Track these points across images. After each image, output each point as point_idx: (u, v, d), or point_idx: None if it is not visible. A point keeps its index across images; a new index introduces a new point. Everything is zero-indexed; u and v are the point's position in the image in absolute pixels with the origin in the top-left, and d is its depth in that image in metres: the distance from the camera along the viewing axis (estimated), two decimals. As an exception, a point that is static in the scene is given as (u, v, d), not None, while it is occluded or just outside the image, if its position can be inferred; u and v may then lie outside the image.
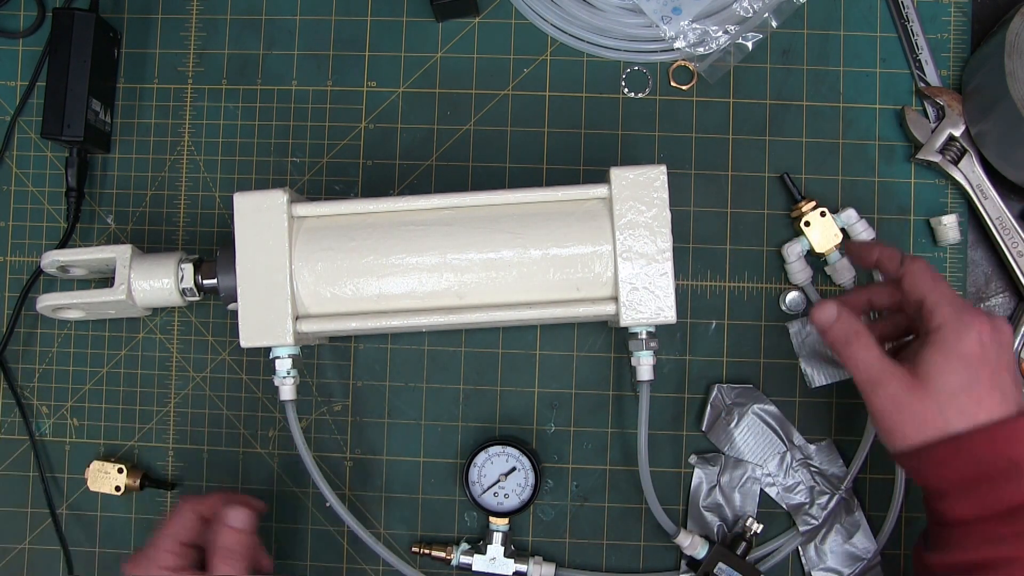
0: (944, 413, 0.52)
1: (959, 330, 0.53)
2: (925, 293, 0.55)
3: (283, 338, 0.61)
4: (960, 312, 0.53)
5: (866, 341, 0.55)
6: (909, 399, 0.53)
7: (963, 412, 0.52)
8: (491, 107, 0.72)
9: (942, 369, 0.52)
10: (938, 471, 0.52)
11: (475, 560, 0.67)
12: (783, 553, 0.68)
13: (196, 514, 0.61)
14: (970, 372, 0.52)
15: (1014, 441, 0.51)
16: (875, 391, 0.54)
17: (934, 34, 0.71)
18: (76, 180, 0.70)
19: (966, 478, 0.52)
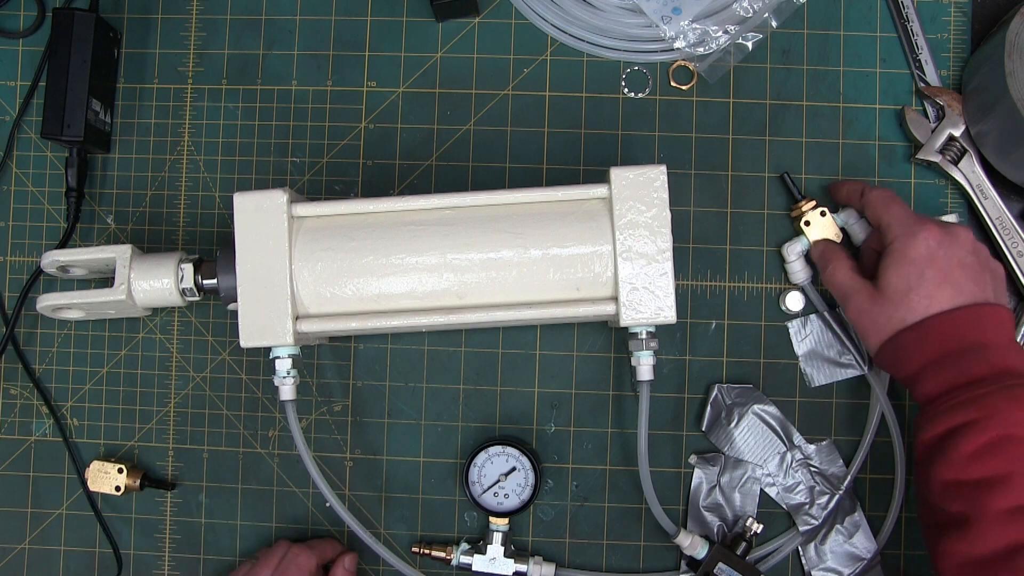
0: (898, 311, 0.59)
1: (907, 240, 0.60)
2: (881, 215, 0.62)
3: (283, 338, 0.61)
4: (910, 225, 0.60)
5: (842, 263, 0.64)
6: (871, 306, 0.60)
7: (913, 308, 0.58)
8: (491, 107, 0.72)
9: (892, 275, 0.60)
10: (909, 356, 0.59)
11: (475, 560, 0.67)
12: (783, 553, 0.68)
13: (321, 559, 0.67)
14: (917, 273, 0.59)
15: (976, 324, 0.57)
16: (846, 304, 0.63)
17: (934, 34, 0.71)
18: (76, 180, 0.70)
19: (933, 358, 0.57)
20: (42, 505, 0.72)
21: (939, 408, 0.56)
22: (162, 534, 0.72)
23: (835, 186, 0.68)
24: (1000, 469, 0.53)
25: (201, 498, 0.72)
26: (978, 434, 0.54)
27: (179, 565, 0.72)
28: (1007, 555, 0.51)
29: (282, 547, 0.66)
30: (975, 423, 0.54)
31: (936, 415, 0.56)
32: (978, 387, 0.55)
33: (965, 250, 0.59)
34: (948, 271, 0.58)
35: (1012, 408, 0.54)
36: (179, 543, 0.72)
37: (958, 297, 0.58)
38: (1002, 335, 0.58)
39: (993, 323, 0.58)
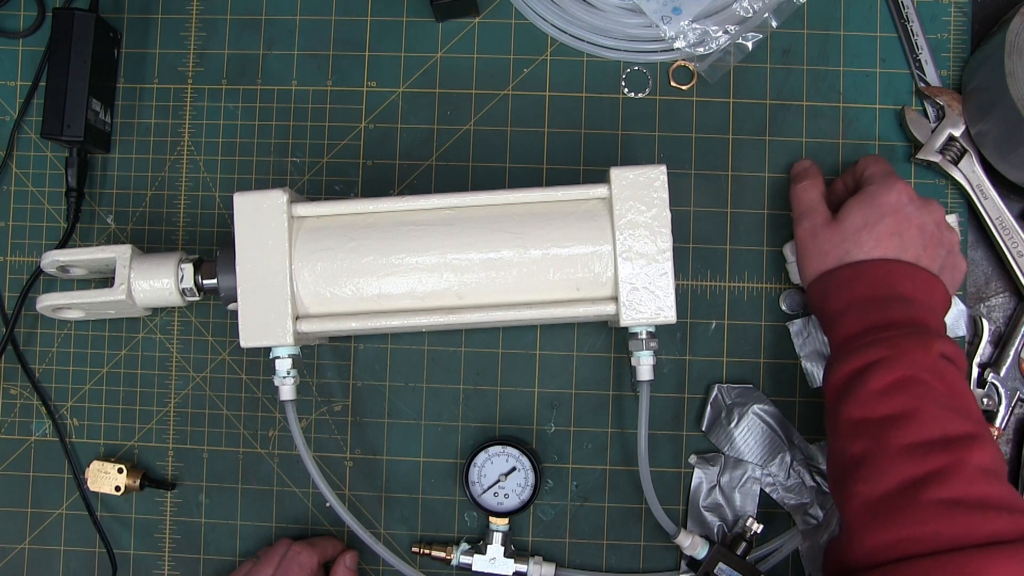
0: (844, 244, 0.60)
1: (882, 186, 0.61)
2: (868, 165, 0.64)
3: (283, 338, 0.61)
4: (891, 178, 0.61)
5: (816, 184, 0.65)
6: (822, 231, 0.61)
7: (860, 246, 0.59)
8: (491, 107, 0.72)
9: (854, 209, 0.61)
10: (839, 291, 0.59)
11: (475, 560, 0.67)
12: (783, 553, 0.68)
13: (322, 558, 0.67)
14: (877, 215, 0.60)
15: (911, 281, 0.59)
16: (800, 222, 0.64)
17: (934, 34, 0.71)
18: (76, 180, 0.70)
19: (861, 297, 0.58)
20: (42, 505, 0.72)
21: (853, 346, 0.57)
22: (162, 534, 0.72)
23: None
24: (903, 406, 0.54)
25: (201, 498, 0.72)
26: (887, 372, 0.55)
27: (179, 565, 0.72)
28: (904, 490, 0.52)
29: (283, 545, 0.66)
30: (885, 360, 0.55)
31: (849, 352, 0.57)
32: (892, 329, 0.56)
33: (931, 219, 0.61)
34: (905, 227, 0.59)
35: (920, 352, 0.55)
36: (179, 543, 0.72)
37: (902, 251, 0.59)
38: (929, 298, 0.59)
39: (924, 286, 0.59)
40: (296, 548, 0.66)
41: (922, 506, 0.51)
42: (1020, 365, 0.68)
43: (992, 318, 0.70)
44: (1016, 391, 0.68)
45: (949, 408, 0.54)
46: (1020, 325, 0.68)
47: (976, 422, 0.54)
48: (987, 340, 0.69)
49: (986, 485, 0.51)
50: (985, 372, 0.68)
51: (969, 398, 0.56)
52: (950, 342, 0.57)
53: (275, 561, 0.65)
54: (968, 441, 0.52)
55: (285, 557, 0.65)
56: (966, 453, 0.52)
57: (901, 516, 0.51)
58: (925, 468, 0.52)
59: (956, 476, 0.51)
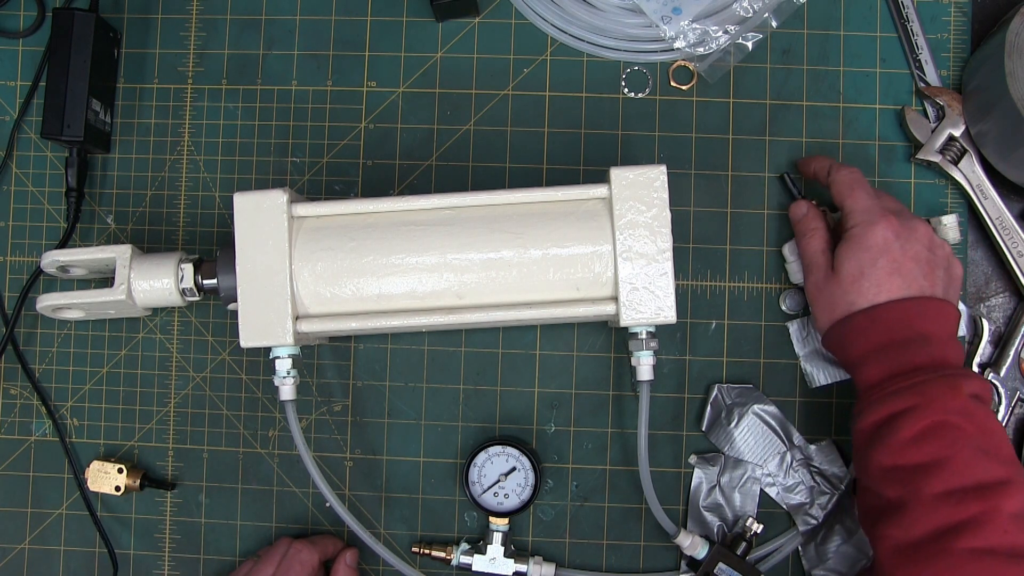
0: (848, 295, 0.60)
1: (865, 228, 0.60)
2: (844, 199, 0.63)
3: (283, 338, 0.61)
4: (870, 214, 0.61)
5: (819, 235, 0.64)
6: (825, 284, 0.62)
7: (864, 293, 0.59)
8: (491, 107, 0.72)
9: (846, 259, 0.61)
10: (855, 341, 0.59)
11: (475, 560, 0.67)
12: (783, 553, 0.68)
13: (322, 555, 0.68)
14: (871, 260, 0.60)
15: (922, 316, 0.58)
16: (807, 277, 0.64)
17: (934, 34, 0.71)
18: (76, 180, 0.70)
19: (878, 344, 0.58)
20: (42, 505, 0.72)
21: (879, 395, 0.57)
22: (162, 534, 0.72)
23: (804, 161, 0.69)
24: (935, 454, 0.54)
25: (201, 498, 0.72)
26: (916, 420, 0.55)
27: (179, 565, 0.72)
28: (937, 537, 0.52)
29: (284, 544, 0.66)
30: (914, 409, 0.55)
31: (876, 401, 0.57)
32: (917, 375, 0.56)
33: (921, 244, 0.60)
34: (900, 263, 0.59)
35: (949, 396, 0.55)
36: (179, 543, 0.72)
37: (906, 289, 0.59)
38: (944, 329, 0.59)
39: (937, 317, 0.59)
40: (297, 547, 0.66)
41: (955, 554, 0.51)
42: (1020, 365, 0.68)
43: (992, 318, 0.70)
44: (1016, 391, 0.68)
45: (981, 451, 0.54)
46: (1020, 325, 0.68)
47: (1009, 463, 0.54)
48: (987, 340, 0.69)
49: (1019, 534, 0.51)
50: (985, 372, 0.68)
51: (1001, 437, 0.56)
52: (977, 378, 0.57)
53: (276, 560, 0.65)
54: (1001, 488, 0.53)
55: (286, 556, 0.65)
56: (999, 500, 0.52)
57: (933, 563, 0.52)
58: (958, 517, 0.52)
59: (989, 525, 0.51)
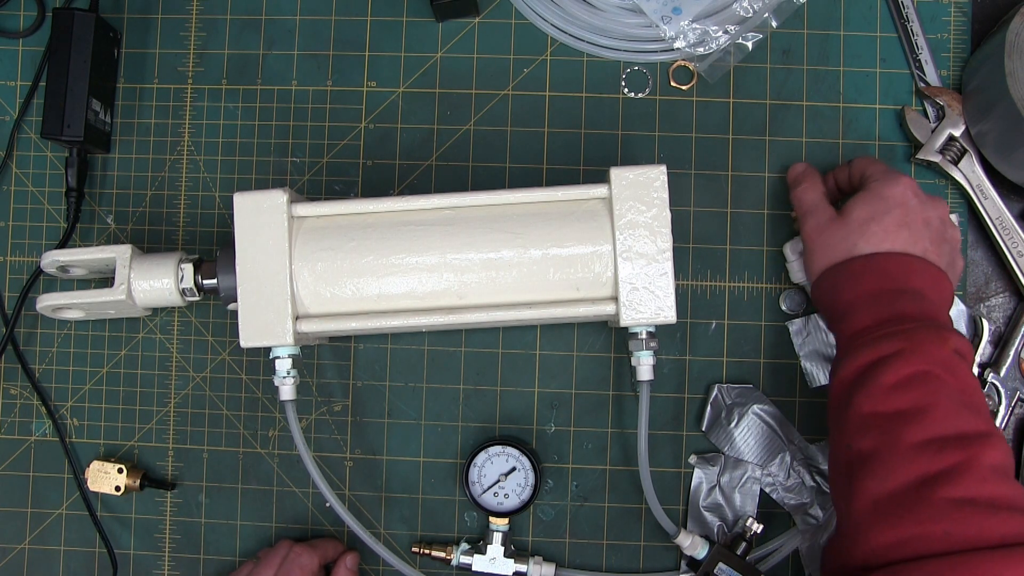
0: (851, 237, 0.59)
1: (886, 180, 0.60)
2: (867, 167, 0.63)
3: (283, 338, 0.61)
4: (893, 174, 0.61)
5: (816, 184, 0.64)
6: (828, 226, 0.61)
7: (869, 238, 0.59)
8: (491, 107, 0.72)
9: (859, 203, 0.60)
10: (849, 284, 0.59)
11: (475, 560, 0.67)
12: (783, 553, 0.68)
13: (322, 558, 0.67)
14: (884, 208, 0.59)
15: (922, 275, 0.58)
16: (806, 220, 0.63)
17: (934, 34, 0.71)
18: (76, 180, 0.70)
19: (872, 290, 0.58)
20: (42, 505, 0.72)
21: (866, 339, 0.56)
22: (162, 534, 0.72)
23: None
24: (917, 402, 0.53)
25: (201, 498, 0.72)
26: (901, 365, 0.54)
27: (179, 565, 0.72)
28: (916, 487, 0.51)
29: (284, 547, 0.66)
30: (900, 354, 0.54)
31: (862, 346, 0.56)
32: (906, 322, 0.56)
33: (936, 214, 0.60)
34: (912, 219, 0.59)
35: (935, 346, 0.55)
36: (179, 543, 0.72)
37: (912, 245, 0.59)
38: (939, 294, 0.58)
39: (936, 283, 0.58)
40: (297, 550, 0.66)
41: (933, 504, 0.50)
42: (1020, 365, 0.68)
43: (992, 318, 0.70)
44: (1016, 391, 0.68)
45: (962, 404, 0.53)
46: (1020, 325, 0.68)
47: (988, 420, 0.54)
48: (987, 340, 0.69)
49: (997, 485, 0.50)
50: (985, 372, 0.68)
51: (980, 395, 0.55)
52: (961, 337, 0.56)
53: (276, 563, 0.65)
54: (981, 439, 0.52)
55: (286, 559, 0.65)
56: (979, 451, 0.51)
57: (911, 514, 0.50)
58: (938, 466, 0.51)
59: (968, 475, 0.50)
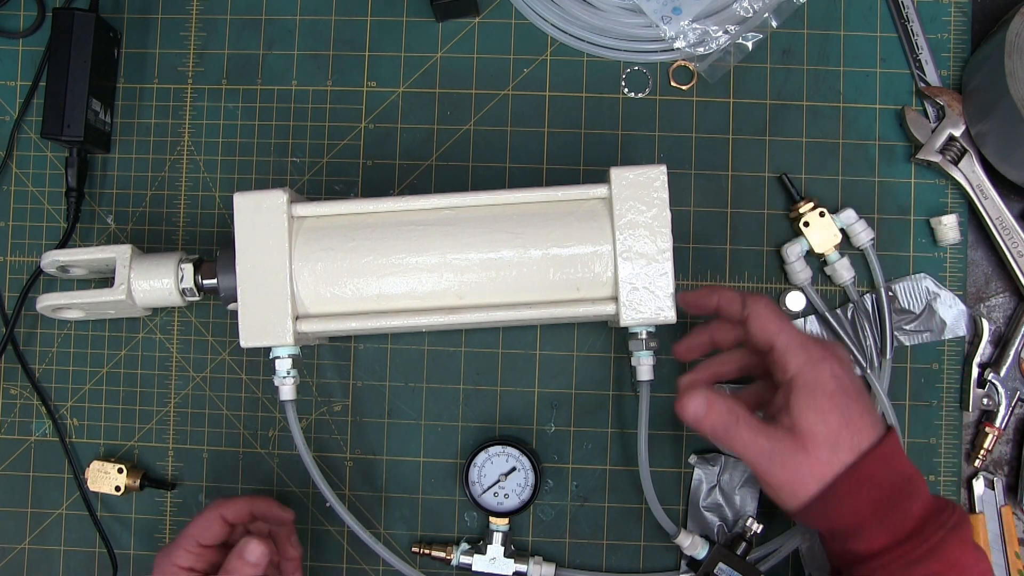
0: (834, 454, 0.51)
1: (815, 372, 0.52)
2: (773, 337, 0.54)
3: (283, 338, 0.61)
4: (808, 351, 0.53)
5: (746, 421, 0.53)
6: (793, 456, 0.52)
7: (848, 447, 0.51)
8: (491, 107, 0.72)
9: (816, 417, 0.51)
10: (848, 507, 0.52)
11: (475, 560, 0.67)
12: (783, 553, 0.68)
13: (221, 517, 0.62)
14: (840, 408, 0.52)
15: (898, 454, 0.53)
16: (766, 466, 0.52)
17: (934, 34, 0.71)
18: (76, 180, 0.70)
19: (874, 505, 0.51)
20: (42, 505, 0.72)
21: (895, 566, 0.51)
22: (162, 534, 0.72)
23: (700, 295, 0.58)
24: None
25: (201, 498, 0.72)
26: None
27: (179, 565, 0.72)
28: None
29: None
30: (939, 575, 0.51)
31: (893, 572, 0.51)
32: (928, 533, 0.51)
33: (851, 367, 0.55)
34: (861, 398, 0.53)
35: (964, 551, 0.52)
36: (179, 543, 0.72)
37: (875, 426, 0.53)
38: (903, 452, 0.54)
39: (896, 443, 0.53)
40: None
41: None
42: (1020, 365, 0.68)
43: (992, 318, 0.70)
44: (1016, 391, 0.68)
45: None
46: (1020, 325, 0.68)
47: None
48: (987, 340, 0.69)
49: None
50: (985, 372, 0.68)
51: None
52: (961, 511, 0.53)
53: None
54: None
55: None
56: None
57: None
58: None
59: None
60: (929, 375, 0.69)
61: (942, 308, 0.69)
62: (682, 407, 0.54)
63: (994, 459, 0.69)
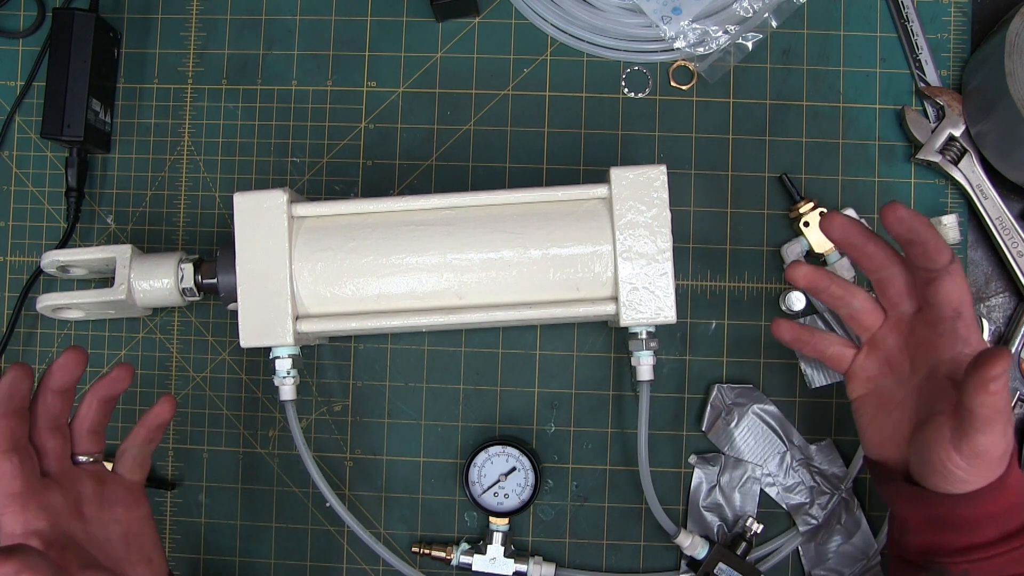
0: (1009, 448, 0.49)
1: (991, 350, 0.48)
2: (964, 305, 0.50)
3: (283, 338, 0.61)
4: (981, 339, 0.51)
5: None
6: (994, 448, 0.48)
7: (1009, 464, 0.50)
8: (491, 107, 0.72)
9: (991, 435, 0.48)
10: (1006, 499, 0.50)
11: (475, 560, 0.67)
12: (783, 553, 0.68)
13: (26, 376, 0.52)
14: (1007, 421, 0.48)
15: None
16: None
17: (934, 34, 0.71)
18: (76, 180, 0.70)
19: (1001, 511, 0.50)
20: (42, 505, 0.72)
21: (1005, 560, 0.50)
22: (162, 534, 0.72)
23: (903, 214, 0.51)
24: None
25: (201, 498, 0.72)
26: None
27: (179, 565, 0.72)
28: None
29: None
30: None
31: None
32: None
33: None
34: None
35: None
36: (179, 543, 0.72)
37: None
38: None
39: None
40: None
41: None
42: (1020, 365, 0.68)
43: (992, 318, 0.70)
44: (1016, 391, 0.68)
45: None
46: (1020, 325, 0.68)
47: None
48: (987, 340, 0.69)
49: None
50: (985, 372, 0.68)
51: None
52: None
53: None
54: None
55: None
56: None
57: None
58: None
59: None
60: (929, 375, 0.69)
61: (942, 308, 0.69)
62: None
63: (994, 459, 0.69)
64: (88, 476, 0.55)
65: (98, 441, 0.57)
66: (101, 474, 0.56)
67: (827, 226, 0.54)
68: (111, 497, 0.56)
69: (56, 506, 0.52)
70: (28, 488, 0.50)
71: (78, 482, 0.54)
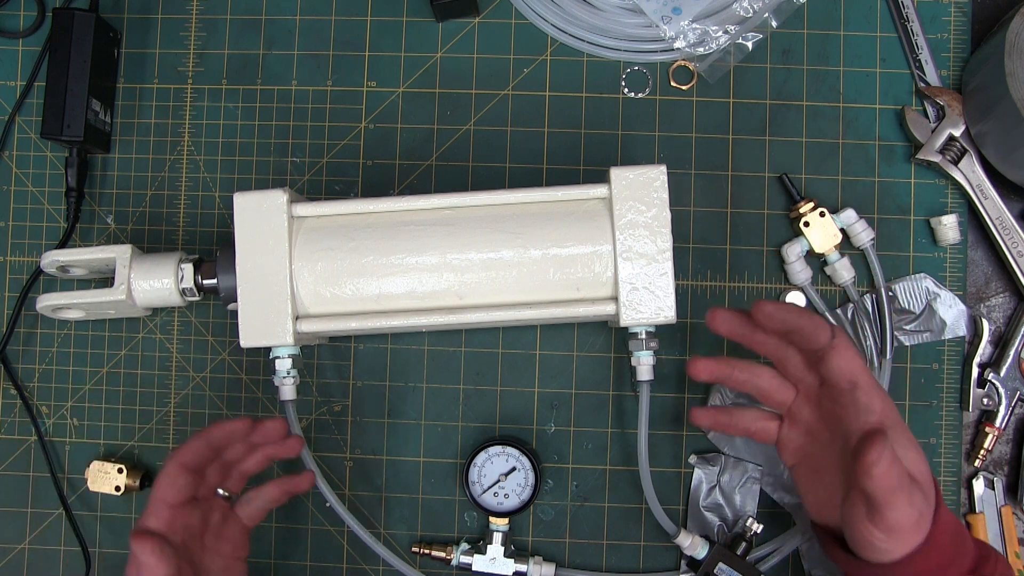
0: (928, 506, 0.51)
1: (896, 416, 0.53)
2: (858, 375, 0.52)
3: (283, 338, 0.61)
4: (885, 394, 0.54)
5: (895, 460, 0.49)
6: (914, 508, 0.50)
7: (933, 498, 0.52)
8: (491, 107, 0.72)
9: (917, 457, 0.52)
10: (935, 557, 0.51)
11: (475, 560, 0.67)
12: (783, 553, 0.68)
13: (181, 466, 0.56)
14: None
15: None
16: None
17: (934, 34, 0.71)
18: (76, 180, 0.70)
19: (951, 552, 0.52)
20: (42, 505, 0.72)
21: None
22: (162, 534, 0.72)
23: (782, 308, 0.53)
24: None
25: (201, 498, 0.72)
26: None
27: (179, 565, 0.72)
28: None
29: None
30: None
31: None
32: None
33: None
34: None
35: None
36: (179, 543, 0.72)
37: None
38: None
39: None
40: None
41: None
42: (1020, 365, 0.68)
43: (992, 318, 0.70)
44: (1016, 391, 0.68)
45: None
46: (1020, 325, 0.68)
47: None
48: (987, 340, 0.69)
49: None
50: (985, 372, 0.68)
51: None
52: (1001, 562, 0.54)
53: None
54: None
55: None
56: None
57: None
58: None
59: None
60: (929, 375, 0.69)
61: (942, 308, 0.69)
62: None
63: (994, 459, 0.69)
64: (218, 508, 0.61)
65: (243, 484, 0.63)
66: (227, 511, 0.61)
67: (709, 323, 0.56)
68: (226, 534, 0.61)
69: (191, 527, 0.58)
70: (182, 505, 0.57)
71: (210, 511, 0.60)
